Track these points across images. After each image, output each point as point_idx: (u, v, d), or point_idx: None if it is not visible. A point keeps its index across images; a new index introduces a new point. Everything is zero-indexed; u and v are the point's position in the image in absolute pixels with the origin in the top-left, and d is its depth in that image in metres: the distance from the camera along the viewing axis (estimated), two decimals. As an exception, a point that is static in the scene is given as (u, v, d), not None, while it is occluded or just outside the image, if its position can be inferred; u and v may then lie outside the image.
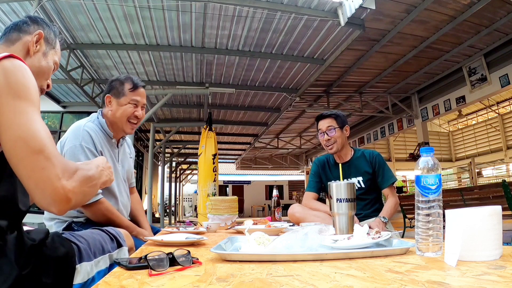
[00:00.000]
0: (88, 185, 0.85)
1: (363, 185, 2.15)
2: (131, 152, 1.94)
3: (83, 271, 0.94)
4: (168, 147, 12.14)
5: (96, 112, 1.75)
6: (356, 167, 2.18)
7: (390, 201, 2.07)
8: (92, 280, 0.97)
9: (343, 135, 2.19)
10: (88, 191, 0.85)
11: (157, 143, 10.37)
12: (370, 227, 1.82)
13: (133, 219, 1.89)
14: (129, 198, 1.85)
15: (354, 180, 2.15)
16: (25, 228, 0.90)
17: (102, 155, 1.61)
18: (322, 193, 2.32)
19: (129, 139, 1.88)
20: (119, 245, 1.20)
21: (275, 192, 2.50)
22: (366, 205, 2.14)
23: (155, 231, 1.97)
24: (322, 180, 2.29)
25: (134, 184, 2.03)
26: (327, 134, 2.16)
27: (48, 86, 1.09)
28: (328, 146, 2.18)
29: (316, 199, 2.27)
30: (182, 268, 0.76)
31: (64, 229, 1.54)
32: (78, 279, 0.92)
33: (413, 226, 1.49)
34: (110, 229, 1.21)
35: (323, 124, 2.20)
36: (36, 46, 1.03)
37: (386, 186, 2.13)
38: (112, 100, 1.69)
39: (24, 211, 0.88)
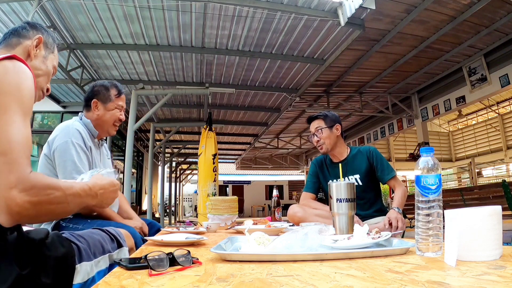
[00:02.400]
0: (57, 205, 0.79)
1: (360, 183, 2.13)
2: (108, 154, 2.04)
3: (83, 271, 0.94)
4: (168, 147, 12.14)
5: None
6: (352, 165, 2.18)
7: (398, 190, 2.05)
8: (92, 280, 0.97)
9: (333, 134, 2.18)
10: (53, 209, 0.79)
11: (157, 143, 10.37)
12: (389, 220, 1.82)
13: (121, 210, 1.96)
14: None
15: (351, 178, 2.15)
16: (24, 228, 0.90)
17: (90, 151, 1.69)
18: (321, 193, 2.31)
19: (105, 144, 1.99)
20: (119, 245, 1.20)
21: (275, 192, 2.50)
22: (364, 204, 2.11)
23: (155, 229, 2.00)
24: (319, 180, 2.29)
25: None
26: (316, 136, 2.20)
27: (47, 90, 1.11)
28: (318, 147, 2.22)
29: (314, 199, 2.27)
30: (182, 268, 0.77)
31: (53, 227, 1.55)
32: (78, 279, 0.93)
33: (413, 226, 1.49)
34: (110, 229, 1.21)
35: (312, 126, 2.24)
36: (36, 50, 1.05)
37: (389, 179, 2.10)
38: (99, 105, 1.79)
39: None
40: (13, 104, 0.76)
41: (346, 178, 2.14)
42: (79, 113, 1.82)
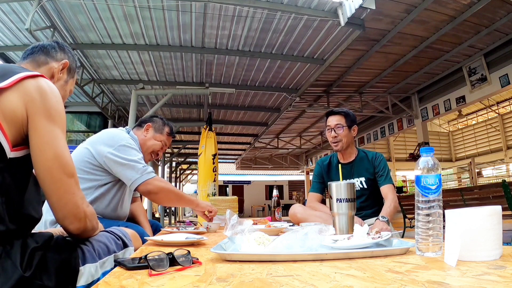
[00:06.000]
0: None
1: (365, 186, 2.15)
2: None
3: (86, 273, 0.94)
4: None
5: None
6: (359, 167, 2.19)
7: (391, 201, 2.02)
8: (98, 281, 0.97)
9: (350, 135, 2.19)
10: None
11: (157, 143, 10.36)
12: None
13: (136, 221, 2.06)
14: (129, 205, 2.02)
15: (356, 180, 2.16)
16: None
17: None
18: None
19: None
20: (125, 245, 1.19)
21: (275, 192, 2.50)
22: (367, 205, 2.14)
23: (158, 229, 2.05)
24: (324, 181, 2.29)
25: (138, 195, 2.27)
26: (334, 131, 2.17)
27: None
28: (333, 143, 2.19)
29: (320, 200, 2.28)
30: (182, 268, 0.77)
31: None
32: (82, 281, 0.93)
33: (413, 226, 1.49)
34: (114, 229, 1.20)
35: (332, 120, 2.20)
36: (61, 74, 1.09)
37: (385, 184, 2.08)
38: (150, 130, 1.94)
39: (37, 219, 0.91)
40: (60, 128, 0.88)
41: (352, 179, 2.15)
42: (126, 127, 1.93)
